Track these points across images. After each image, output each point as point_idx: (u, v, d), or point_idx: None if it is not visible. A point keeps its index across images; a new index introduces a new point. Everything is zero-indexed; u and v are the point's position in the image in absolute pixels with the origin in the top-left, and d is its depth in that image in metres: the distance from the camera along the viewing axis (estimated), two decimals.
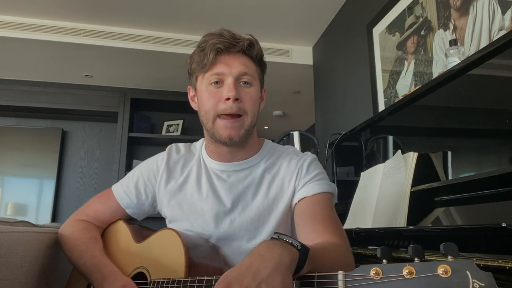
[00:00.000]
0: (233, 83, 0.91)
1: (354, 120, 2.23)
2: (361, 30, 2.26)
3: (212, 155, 1.02)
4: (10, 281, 0.87)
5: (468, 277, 0.46)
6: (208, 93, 0.93)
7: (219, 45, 0.91)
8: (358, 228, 1.29)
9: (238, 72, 0.92)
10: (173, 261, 0.85)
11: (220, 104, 0.91)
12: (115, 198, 1.06)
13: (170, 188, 1.03)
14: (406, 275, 0.49)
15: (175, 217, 1.02)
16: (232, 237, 0.97)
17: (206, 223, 0.98)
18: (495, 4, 1.29)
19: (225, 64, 0.92)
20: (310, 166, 0.99)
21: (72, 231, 1.03)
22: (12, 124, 3.72)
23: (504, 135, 1.02)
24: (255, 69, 0.96)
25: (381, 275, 0.51)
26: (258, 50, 0.97)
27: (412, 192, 1.18)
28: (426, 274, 0.49)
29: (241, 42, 0.93)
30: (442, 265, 0.48)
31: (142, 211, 1.08)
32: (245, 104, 0.92)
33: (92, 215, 1.07)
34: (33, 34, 2.76)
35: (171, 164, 1.05)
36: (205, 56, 0.91)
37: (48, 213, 3.50)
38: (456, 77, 1.15)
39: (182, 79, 3.72)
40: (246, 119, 0.93)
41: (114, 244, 1.04)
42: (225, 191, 0.99)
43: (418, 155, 1.24)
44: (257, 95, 0.96)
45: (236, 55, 0.93)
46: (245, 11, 2.66)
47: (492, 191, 0.94)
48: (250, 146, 1.00)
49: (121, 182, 1.09)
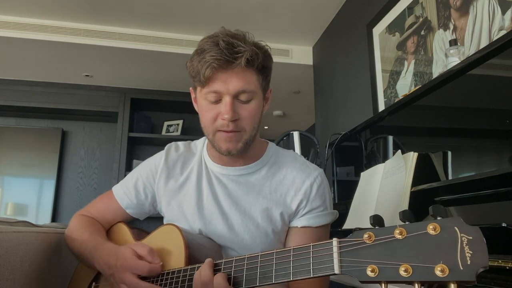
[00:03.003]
0: (230, 102, 0.86)
1: (354, 120, 2.23)
2: (361, 30, 2.26)
3: (214, 158, 1.01)
4: (10, 281, 0.87)
5: (456, 232, 0.49)
6: (206, 107, 0.89)
7: (214, 63, 0.83)
8: (358, 228, 1.29)
9: (236, 90, 0.85)
10: (174, 254, 0.85)
11: (218, 120, 0.88)
12: (116, 200, 1.06)
13: (170, 188, 1.02)
14: (397, 236, 0.53)
15: (174, 217, 1.01)
16: (229, 244, 0.96)
17: (204, 226, 0.97)
18: (495, 4, 1.29)
19: (222, 81, 0.85)
20: (319, 190, 0.96)
21: (76, 223, 1.04)
22: (12, 124, 3.72)
23: (504, 135, 1.02)
24: (256, 79, 0.89)
25: (374, 238, 0.54)
26: (261, 59, 0.87)
27: (412, 192, 1.18)
28: (416, 232, 0.51)
29: (239, 57, 0.83)
30: (431, 223, 0.51)
31: (142, 211, 1.08)
32: (243, 122, 0.88)
33: (95, 213, 1.08)
34: (33, 34, 2.76)
35: (170, 163, 1.03)
36: (200, 71, 0.85)
37: (48, 213, 3.50)
38: (456, 77, 1.15)
39: (182, 79, 3.73)
40: (245, 134, 0.90)
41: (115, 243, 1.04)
42: (224, 195, 0.98)
43: (418, 155, 1.24)
44: (258, 109, 0.91)
45: (234, 70, 0.85)
46: (245, 11, 2.65)
47: (492, 191, 0.94)
48: (252, 151, 0.98)
49: (121, 183, 1.09)
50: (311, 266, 0.59)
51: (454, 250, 0.48)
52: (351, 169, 1.94)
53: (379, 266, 0.52)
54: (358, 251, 0.55)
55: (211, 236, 0.97)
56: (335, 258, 0.56)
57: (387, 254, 0.52)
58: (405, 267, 0.50)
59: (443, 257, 0.48)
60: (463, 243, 0.48)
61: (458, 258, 0.47)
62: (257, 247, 0.94)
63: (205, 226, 0.97)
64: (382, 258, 0.52)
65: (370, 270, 0.52)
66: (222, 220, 0.96)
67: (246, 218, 0.95)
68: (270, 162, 1.00)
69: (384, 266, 0.52)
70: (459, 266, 0.47)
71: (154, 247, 0.91)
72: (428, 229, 0.50)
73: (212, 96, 0.87)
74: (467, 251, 0.47)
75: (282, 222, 0.96)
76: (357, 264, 0.54)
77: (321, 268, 0.58)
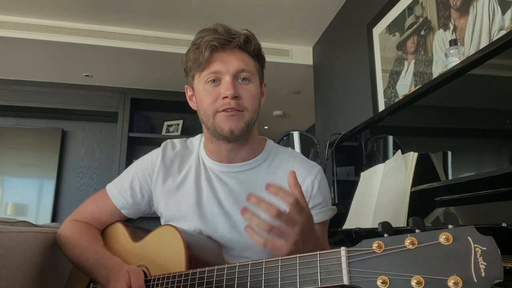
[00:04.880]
0: (231, 80, 0.88)
1: (354, 120, 2.23)
2: (361, 30, 2.26)
3: (212, 155, 0.99)
4: (10, 281, 0.87)
5: (470, 243, 0.47)
6: (205, 92, 0.90)
7: (213, 42, 0.87)
8: (358, 228, 1.29)
9: (236, 69, 0.88)
10: (173, 256, 0.84)
11: (219, 101, 0.88)
12: (110, 200, 1.03)
13: (168, 187, 1.00)
14: (408, 246, 0.50)
15: (173, 217, 1.00)
16: (230, 243, 0.95)
17: (205, 225, 0.96)
18: (495, 4, 1.29)
19: (222, 61, 0.88)
20: (320, 187, 0.97)
21: (71, 231, 1.02)
22: (12, 124, 3.72)
23: (504, 135, 1.02)
24: (253, 64, 0.93)
25: (384, 248, 0.52)
26: (256, 44, 0.93)
27: (412, 192, 1.18)
28: (428, 243, 0.49)
29: (237, 37, 0.89)
30: (443, 232, 0.48)
31: (138, 211, 1.05)
32: (244, 101, 0.89)
33: (88, 217, 1.04)
34: (33, 34, 2.76)
35: (167, 161, 1.01)
36: (200, 54, 0.88)
37: (48, 213, 3.49)
38: (456, 77, 1.15)
39: (182, 79, 3.70)
40: (247, 114, 0.90)
41: (112, 245, 1.03)
42: (225, 193, 0.96)
43: (418, 155, 1.24)
44: (257, 91, 0.93)
45: (232, 51, 0.89)
46: (245, 11, 2.65)
47: (492, 191, 0.94)
48: (251, 145, 0.97)
49: (115, 182, 1.06)
50: (319, 276, 0.57)
51: (468, 262, 0.46)
52: (351, 169, 1.94)
53: (390, 278, 0.50)
54: (368, 261, 0.53)
55: (212, 235, 0.96)
56: (344, 268, 0.54)
57: (398, 265, 0.50)
58: (417, 279, 0.48)
59: (456, 269, 0.46)
60: (477, 254, 0.46)
61: (472, 270, 0.46)
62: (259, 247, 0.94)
63: (205, 226, 0.96)
64: (393, 269, 0.50)
65: (381, 281, 0.50)
66: (223, 219, 0.95)
67: None
68: (269, 158, 1.00)
69: (395, 277, 0.50)
70: (473, 279, 0.45)
71: (153, 250, 0.91)
72: (440, 239, 0.48)
73: (212, 76, 0.89)
74: (481, 262, 0.46)
75: None
76: (367, 275, 0.52)
77: (329, 278, 0.56)
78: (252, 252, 0.93)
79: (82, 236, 0.99)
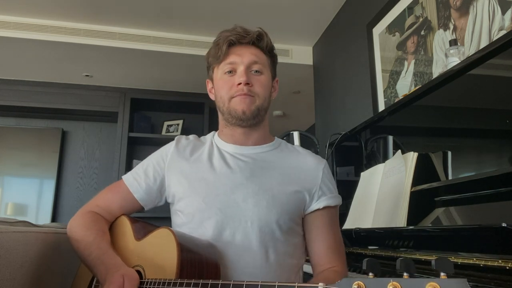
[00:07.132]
0: (245, 70, 1.01)
1: (354, 120, 2.23)
2: (361, 30, 2.26)
3: (225, 138, 1.07)
4: (10, 281, 0.88)
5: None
6: (222, 81, 1.03)
7: (231, 37, 1.02)
8: (358, 228, 1.29)
9: (249, 61, 1.02)
10: (166, 261, 0.84)
11: (233, 88, 1.01)
12: (125, 185, 1.08)
13: (180, 167, 1.05)
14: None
15: (185, 194, 1.02)
16: (241, 216, 0.96)
17: (218, 198, 0.98)
18: (495, 4, 1.29)
19: (237, 54, 1.02)
20: (329, 174, 1.07)
21: (81, 222, 1.04)
22: (12, 124, 3.72)
23: (504, 135, 1.02)
24: (265, 58, 1.06)
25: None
26: (268, 41, 1.07)
27: (412, 192, 1.18)
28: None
29: (251, 34, 1.03)
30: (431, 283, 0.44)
31: (150, 196, 1.07)
32: (256, 88, 1.01)
33: (102, 205, 1.08)
34: (33, 34, 2.76)
35: (180, 147, 1.09)
36: (219, 49, 1.02)
37: (48, 213, 3.49)
38: (456, 77, 1.15)
39: (182, 79, 3.73)
40: (258, 99, 1.01)
41: (117, 240, 1.04)
42: (239, 167, 1.02)
43: (418, 155, 1.24)
44: (268, 82, 1.05)
45: (247, 46, 1.04)
46: (245, 11, 2.65)
47: (492, 191, 0.94)
48: (263, 131, 1.07)
49: (131, 171, 1.12)
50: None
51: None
52: (351, 169, 1.94)
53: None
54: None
55: (223, 208, 0.97)
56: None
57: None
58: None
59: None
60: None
61: None
62: (271, 219, 0.96)
63: (218, 198, 0.98)
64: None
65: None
66: (236, 191, 0.98)
67: (262, 189, 0.98)
68: (280, 147, 1.10)
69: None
70: None
71: (150, 252, 0.92)
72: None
73: (228, 67, 1.02)
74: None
75: (296, 199, 1.00)
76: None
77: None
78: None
79: (90, 229, 1.01)
